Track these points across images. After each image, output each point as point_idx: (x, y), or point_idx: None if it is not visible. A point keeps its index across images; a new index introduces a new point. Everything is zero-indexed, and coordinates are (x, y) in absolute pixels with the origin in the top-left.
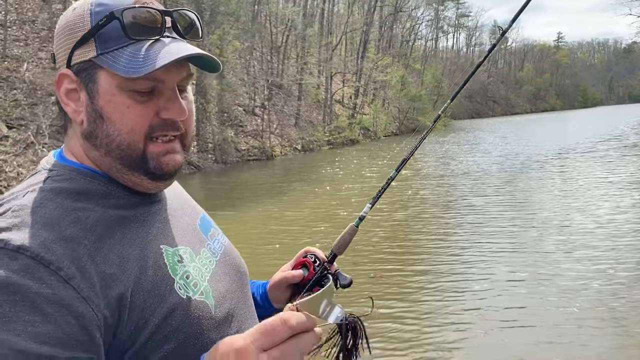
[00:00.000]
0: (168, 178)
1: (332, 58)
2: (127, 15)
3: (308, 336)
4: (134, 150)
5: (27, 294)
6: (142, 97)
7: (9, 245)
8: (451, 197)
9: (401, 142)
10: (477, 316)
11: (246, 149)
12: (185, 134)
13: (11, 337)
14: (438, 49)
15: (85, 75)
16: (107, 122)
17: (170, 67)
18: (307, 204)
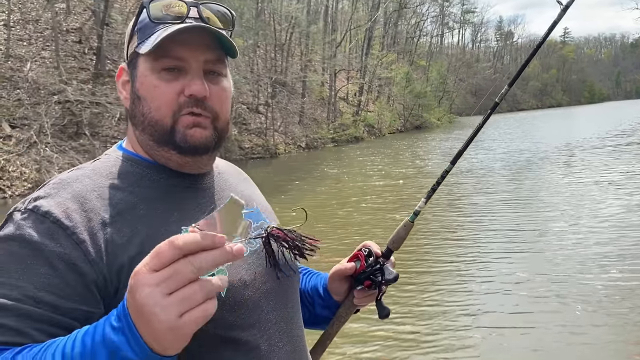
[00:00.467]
0: (195, 152)
1: (336, 55)
2: (153, 5)
3: (207, 254)
4: (162, 126)
5: (44, 251)
6: (169, 77)
7: (39, 210)
8: (453, 195)
9: (405, 139)
10: (475, 318)
11: (250, 147)
12: (216, 117)
13: (26, 284)
14: (443, 46)
15: (132, 64)
16: (142, 101)
17: (194, 47)
18: (306, 204)
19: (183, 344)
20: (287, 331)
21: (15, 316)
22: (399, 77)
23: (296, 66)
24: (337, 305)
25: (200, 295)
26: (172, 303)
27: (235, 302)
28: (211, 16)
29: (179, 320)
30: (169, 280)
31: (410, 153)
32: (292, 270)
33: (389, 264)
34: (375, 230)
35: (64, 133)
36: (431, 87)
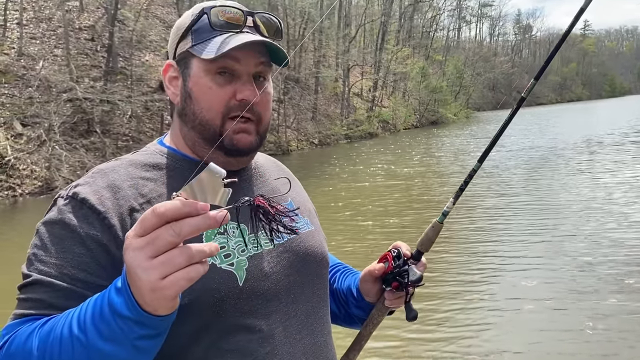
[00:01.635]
0: (240, 155)
1: (350, 50)
2: (214, 12)
3: (189, 220)
4: (212, 126)
5: (81, 234)
6: (222, 80)
7: (77, 197)
8: (464, 196)
9: (421, 135)
10: (483, 332)
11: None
12: (260, 121)
13: (63, 262)
14: (460, 40)
15: (183, 63)
16: (194, 101)
17: (247, 55)
18: (316, 200)
19: (169, 304)
20: (307, 324)
21: (52, 292)
22: (414, 72)
23: (309, 62)
24: (369, 305)
25: (181, 259)
26: (153, 265)
27: (252, 291)
28: (265, 24)
29: (160, 282)
30: (150, 244)
31: (424, 150)
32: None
33: (419, 265)
34: (373, 235)
35: (75, 131)
36: (447, 82)
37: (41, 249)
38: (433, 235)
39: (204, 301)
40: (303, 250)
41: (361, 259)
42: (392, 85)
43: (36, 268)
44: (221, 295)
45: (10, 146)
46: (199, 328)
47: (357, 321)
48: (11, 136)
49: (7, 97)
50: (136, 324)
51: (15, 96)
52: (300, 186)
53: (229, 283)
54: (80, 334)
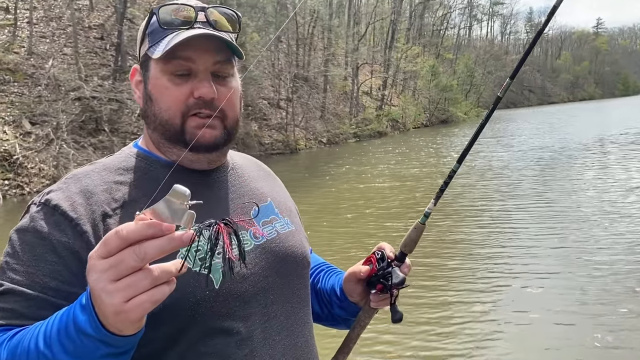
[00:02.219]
0: (206, 150)
1: (359, 48)
2: (162, 11)
3: (152, 242)
4: (173, 125)
5: (52, 241)
6: (179, 80)
7: (49, 203)
8: (472, 198)
9: (430, 134)
10: (490, 347)
11: (270, 142)
12: (225, 116)
13: (35, 271)
14: (471, 38)
15: (144, 66)
16: (154, 102)
17: (202, 52)
18: (317, 202)
19: (134, 325)
20: (287, 325)
21: (24, 301)
22: (424, 71)
23: (318, 60)
24: (352, 306)
25: (145, 282)
26: (117, 289)
27: (229, 293)
28: (219, 18)
29: (124, 305)
30: (114, 268)
31: (432, 150)
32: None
33: (403, 267)
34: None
35: (83, 129)
36: (458, 81)
37: (13, 257)
38: (416, 236)
39: (179, 305)
40: (282, 250)
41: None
42: (401, 83)
43: (8, 277)
44: (196, 298)
45: (18, 144)
46: (175, 332)
47: (341, 321)
48: (20, 134)
49: (17, 95)
50: (101, 342)
51: (24, 95)
52: (281, 185)
53: (204, 286)
54: (46, 350)
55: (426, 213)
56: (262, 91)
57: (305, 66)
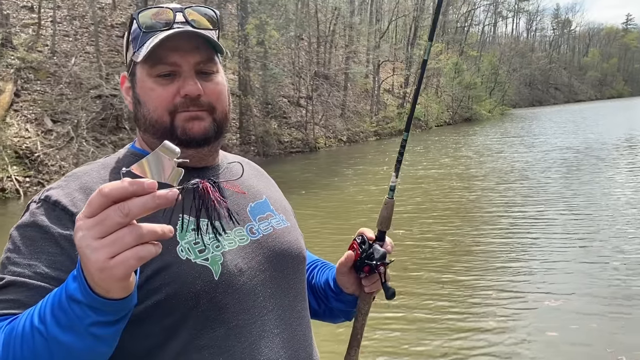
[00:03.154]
0: (197, 144)
1: (381, 46)
2: (142, 15)
3: (137, 200)
4: (162, 124)
5: (54, 234)
6: (164, 81)
7: (49, 200)
8: (484, 204)
9: (452, 133)
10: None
11: (289, 140)
12: (214, 110)
13: (37, 262)
14: (496, 35)
15: (131, 72)
16: (142, 105)
17: (184, 53)
18: (325, 205)
19: (119, 284)
20: (285, 318)
21: (26, 291)
22: (447, 68)
23: (339, 58)
24: (348, 298)
25: (129, 238)
26: (101, 245)
27: (228, 286)
28: (197, 18)
29: (108, 262)
30: (99, 225)
31: (452, 149)
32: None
33: (385, 245)
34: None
35: (104, 127)
36: (482, 78)
37: (14, 252)
38: (387, 213)
39: (179, 296)
40: (279, 245)
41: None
42: (424, 81)
43: (9, 270)
44: (197, 289)
45: (40, 142)
46: (175, 323)
47: (339, 314)
48: (41, 132)
49: (39, 93)
50: (90, 309)
51: (46, 93)
52: (275, 185)
53: (205, 277)
54: (40, 325)
55: (391, 187)
56: (283, 89)
57: (325, 64)
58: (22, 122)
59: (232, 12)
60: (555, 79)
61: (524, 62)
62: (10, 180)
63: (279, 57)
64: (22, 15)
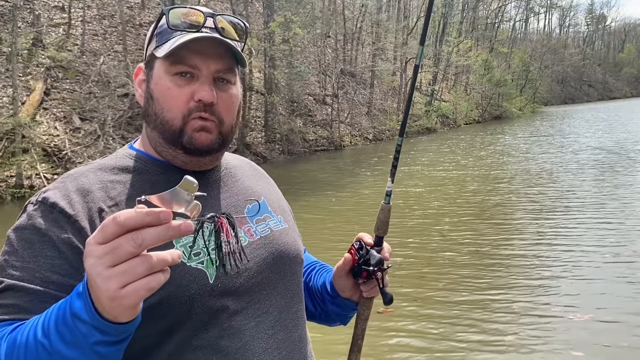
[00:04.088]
0: (199, 154)
1: (408, 42)
2: (172, 13)
3: (150, 230)
4: (172, 126)
5: (52, 237)
6: (182, 82)
7: (47, 202)
8: (508, 209)
9: (480, 131)
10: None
11: (314, 139)
12: (222, 123)
13: (35, 266)
14: (527, 31)
15: (149, 65)
16: (155, 101)
17: (206, 57)
18: (336, 207)
19: (129, 312)
20: (280, 320)
21: (25, 295)
22: (477, 65)
23: (366, 55)
24: (344, 302)
25: (141, 268)
26: (113, 274)
27: (223, 288)
28: (226, 27)
29: (119, 291)
30: (110, 253)
31: (477, 148)
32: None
33: (383, 251)
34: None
35: (131, 125)
36: (512, 75)
37: (12, 255)
38: (384, 217)
39: (174, 299)
40: (276, 247)
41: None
42: (453, 78)
43: (8, 274)
44: (191, 293)
45: (68, 140)
46: (170, 326)
47: (335, 318)
48: (70, 130)
49: (68, 92)
50: (95, 329)
51: (75, 91)
52: (274, 186)
53: (200, 281)
54: (44, 339)
55: (387, 192)
56: (308, 87)
57: (352, 61)
58: (51, 120)
59: (259, 10)
60: (588, 76)
61: (556, 58)
62: (39, 177)
63: (305, 54)
64: (53, 15)
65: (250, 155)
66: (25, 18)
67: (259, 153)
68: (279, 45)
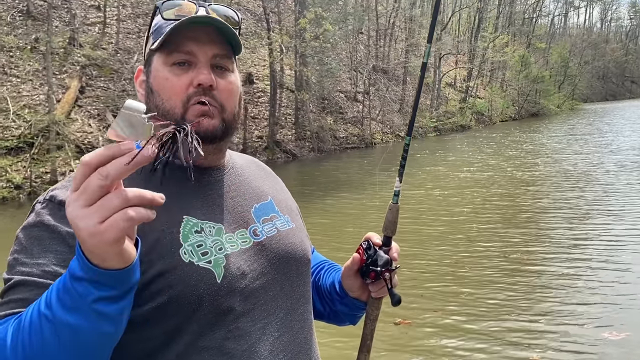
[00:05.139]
0: (203, 141)
1: (442, 38)
2: (164, 6)
3: (114, 161)
4: (173, 115)
5: (61, 232)
6: (179, 71)
7: (54, 200)
8: (535, 214)
9: (515, 129)
10: None
11: (345, 136)
12: (223, 109)
13: (45, 261)
14: (567, 26)
15: (147, 63)
16: (155, 94)
17: (202, 42)
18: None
19: (114, 249)
20: (286, 322)
21: (36, 289)
22: (513, 61)
23: (399, 51)
24: (353, 302)
25: (116, 201)
26: (89, 212)
27: (230, 288)
28: (218, 17)
29: (99, 226)
30: (83, 193)
31: (508, 147)
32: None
33: (391, 250)
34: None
35: None
36: (551, 71)
37: (22, 253)
38: (393, 217)
39: (182, 298)
40: (282, 248)
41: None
42: (488, 74)
43: (18, 271)
44: (199, 292)
45: (101, 137)
46: (177, 325)
47: (343, 317)
48: (103, 127)
49: (102, 90)
50: (91, 284)
51: (109, 89)
52: (282, 185)
53: (207, 280)
54: (47, 310)
55: (396, 192)
56: (340, 84)
57: (384, 58)
58: (85, 118)
59: (290, 7)
60: (631, 72)
61: (597, 54)
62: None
63: (336, 51)
64: (89, 14)
65: (280, 152)
66: (63, 17)
67: (288, 150)
68: (310, 42)
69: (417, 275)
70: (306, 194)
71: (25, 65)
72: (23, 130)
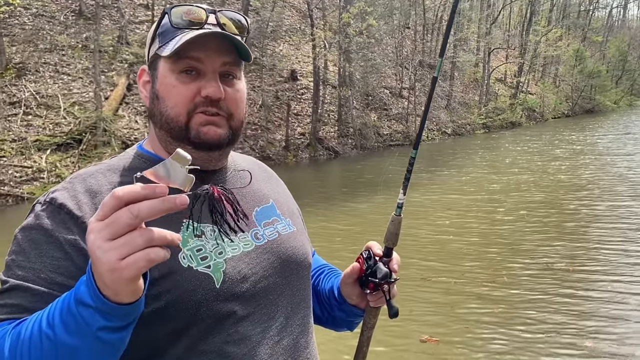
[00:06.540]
0: (209, 149)
1: (492, 32)
2: (174, 11)
3: (147, 202)
4: (178, 123)
5: (58, 238)
6: (187, 79)
7: (55, 202)
8: (582, 221)
9: (568, 127)
10: None
11: (388, 133)
12: (231, 117)
13: (41, 267)
14: (626, 18)
15: (153, 66)
16: (161, 100)
17: (211, 52)
18: (374, 217)
19: (129, 287)
20: (287, 326)
21: (30, 296)
22: (567, 55)
23: (447, 46)
24: (351, 309)
25: (140, 240)
26: (112, 247)
27: (230, 293)
28: (227, 22)
29: (119, 263)
30: (109, 226)
31: (555, 148)
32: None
33: (391, 262)
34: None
35: None
36: (607, 66)
37: (19, 255)
38: (395, 229)
39: (180, 303)
40: (283, 251)
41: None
42: (540, 69)
43: (14, 273)
44: (197, 297)
45: (146, 134)
46: (176, 330)
47: (341, 323)
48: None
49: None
50: (99, 313)
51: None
52: (283, 187)
53: (206, 285)
54: (49, 330)
55: (399, 204)
56: (384, 80)
57: (431, 53)
58: (132, 115)
59: (335, 2)
60: None
61: None
62: None
63: (382, 47)
64: (138, 13)
65: (322, 149)
66: (113, 16)
67: (330, 147)
68: (353, 37)
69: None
70: (346, 193)
71: (76, 64)
72: (72, 126)
